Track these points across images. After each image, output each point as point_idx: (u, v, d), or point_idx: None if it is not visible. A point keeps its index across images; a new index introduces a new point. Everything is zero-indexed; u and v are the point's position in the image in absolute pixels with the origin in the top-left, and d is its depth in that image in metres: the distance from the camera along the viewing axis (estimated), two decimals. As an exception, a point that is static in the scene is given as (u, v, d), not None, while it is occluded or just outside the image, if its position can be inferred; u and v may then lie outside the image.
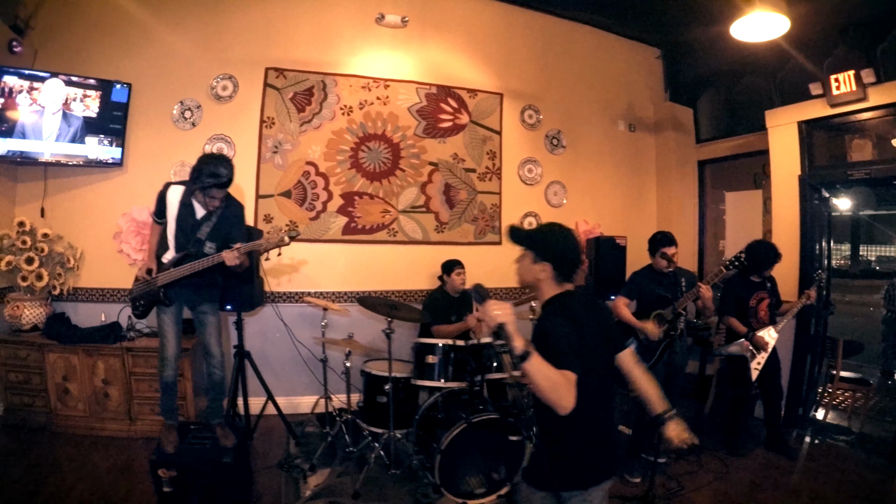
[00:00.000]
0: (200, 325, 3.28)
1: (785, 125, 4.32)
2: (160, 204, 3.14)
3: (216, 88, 4.25)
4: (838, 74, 3.86)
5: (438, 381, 3.55)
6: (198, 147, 4.23)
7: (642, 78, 5.53)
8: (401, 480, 3.33)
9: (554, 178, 5.07)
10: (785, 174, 4.39)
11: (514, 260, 1.86)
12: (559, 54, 5.09)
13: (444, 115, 4.69)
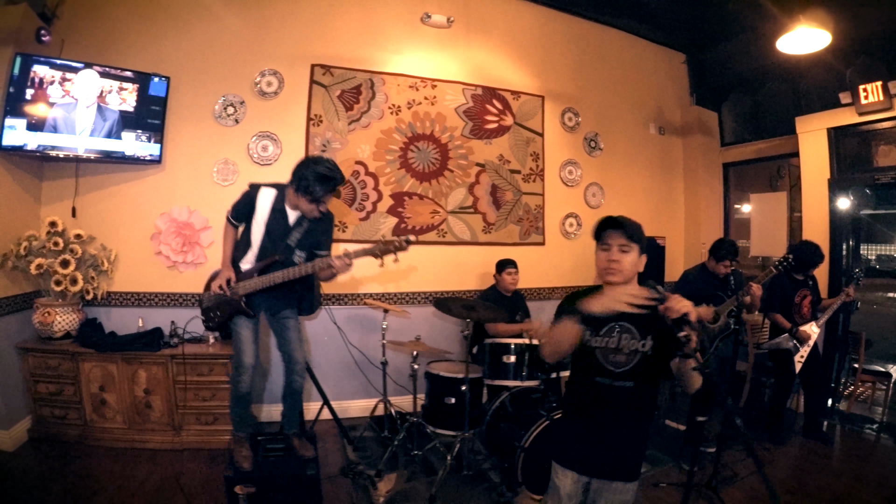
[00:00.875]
0: (282, 330, 2.98)
1: (815, 131, 4.39)
2: (246, 206, 2.86)
3: (260, 84, 3.90)
4: (867, 84, 3.95)
5: (515, 381, 3.35)
6: (241, 144, 3.86)
7: (670, 82, 5.51)
8: (472, 481, 3.14)
9: (592, 180, 4.95)
10: (815, 178, 4.44)
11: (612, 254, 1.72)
12: (594, 58, 5.01)
13: (489, 117, 4.50)
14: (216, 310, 2.90)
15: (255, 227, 2.84)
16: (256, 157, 3.91)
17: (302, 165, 2.72)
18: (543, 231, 4.74)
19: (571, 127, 4.88)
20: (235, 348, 2.92)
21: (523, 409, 3.35)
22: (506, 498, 2.96)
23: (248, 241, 2.88)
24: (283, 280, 2.77)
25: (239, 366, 2.87)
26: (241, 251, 2.91)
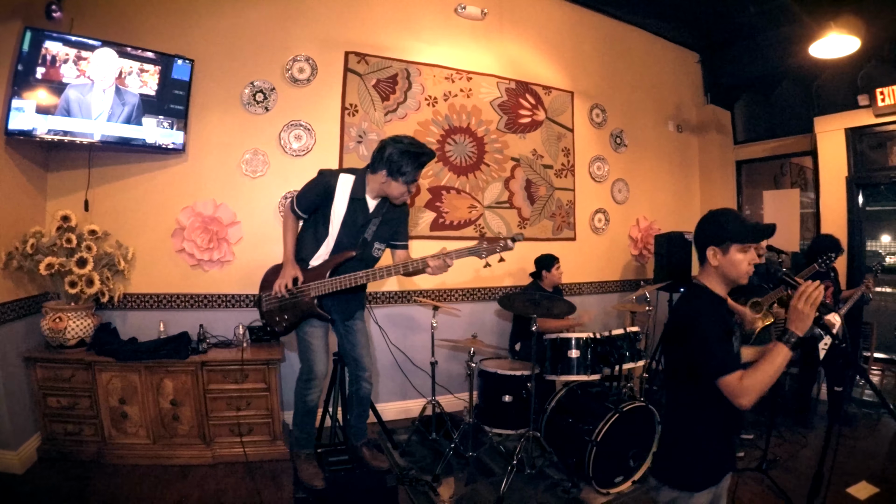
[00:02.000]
0: (352, 334, 2.64)
1: (833, 131, 4.35)
2: (320, 196, 2.44)
3: (292, 70, 3.46)
4: (884, 88, 3.93)
5: (580, 375, 3.02)
6: (272, 133, 3.40)
7: (686, 81, 5.37)
8: (533, 480, 2.87)
9: (618, 176, 4.73)
10: (833, 176, 4.37)
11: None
12: (619, 55, 4.82)
13: (523, 111, 4.19)
14: (282, 313, 2.46)
15: (333, 218, 2.43)
16: (288, 148, 3.46)
17: (385, 146, 2.37)
18: (574, 226, 4.46)
19: (599, 123, 4.65)
20: (305, 357, 2.53)
21: (583, 403, 3.06)
22: (572, 494, 2.73)
23: (318, 234, 2.47)
24: (367, 281, 2.39)
25: (311, 377, 2.49)
26: (309, 247, 2.49)
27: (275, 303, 2.46)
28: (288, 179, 3.47)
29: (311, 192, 2.47)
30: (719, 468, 1.56)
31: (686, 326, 1.51)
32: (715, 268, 1.51)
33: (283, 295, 2.41)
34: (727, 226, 1.51)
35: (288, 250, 2.49)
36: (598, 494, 2.68)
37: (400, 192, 2.41)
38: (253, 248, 3.38)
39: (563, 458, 2.89)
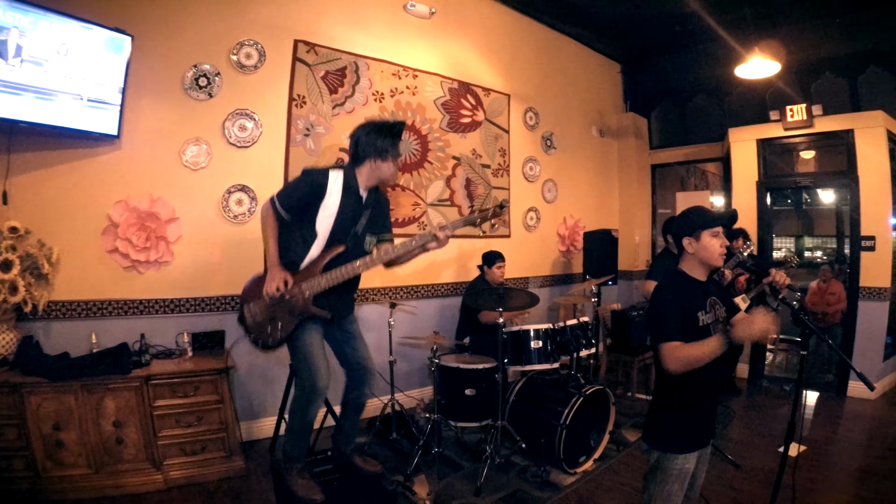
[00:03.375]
0: (352, 339, 2.64)
1: (746, 141, 5.21)
2: (309, 195, 2.43)
3: (239, 55, 3.38)
4: (793, 106, 4.81)
5: (541, 364, 3.39)
6: (215, 122, 3.32)
7: (608, 89, 6.05)
8: (502, 468, 3.14)
9: (548, 177, 5.23)
10: (744, 179, 5.24)
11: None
12: (552, 62, 5.31)
13: (464, 111, 4.51)
14: (274, 322, 2.40)
15: (323, 215, 2.43)
16: (233, 138, 3.39)
17: (359, 136, 2.46)
18: (509, 224, 4.89)
19: (532, 126, 5.12)
20: (305, 371, 2.46)
21: (543, 391, 3.41)
22: (543, 477, 3.03)
23: (306, 236, 2.45)
24: (362, 270, 2.44)
25: (314, 391, 2.43)
26: (296, 249, 2.46)
27: (266, 311, 2.42)
28: (232, 172, 3.42)
29: (298, 191, 2.46)
30: (702, 433, 1.90)
31: (650, 300, 1.92)
32: (692, 255, 1.87)
33: (274, 297, 2.36)
34: (695, 217, 1.89)
35: (272, 253, 2.45)
36: (567, 475, 3.06)
37: (392, 172, 2.52)
38: (194, 248, 3.30)
39: (532, 444, 3.22)
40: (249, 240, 3.45)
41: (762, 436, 3.68)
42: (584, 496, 2.85)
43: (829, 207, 5.78)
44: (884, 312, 4.50)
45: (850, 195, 4.69)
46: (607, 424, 3.34)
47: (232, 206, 3.43)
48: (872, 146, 4.50)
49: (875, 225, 4.51)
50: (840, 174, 4.84)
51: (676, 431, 1.86)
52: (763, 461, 3.20)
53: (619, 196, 6.26)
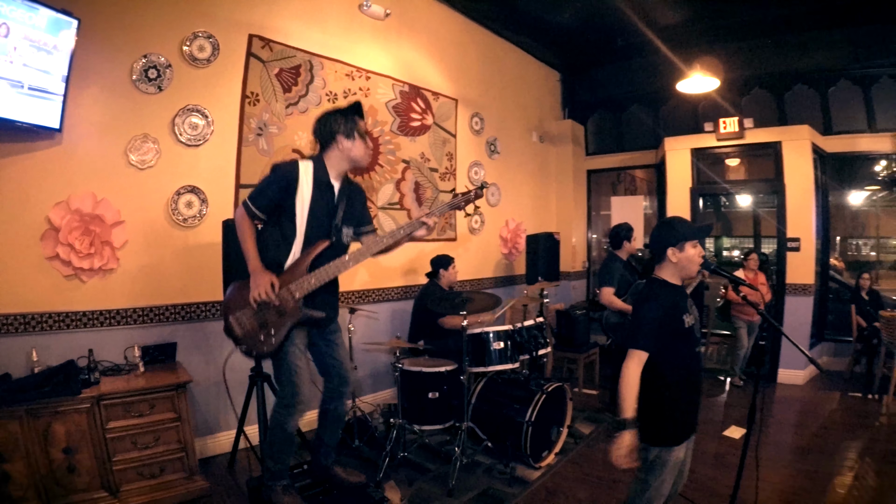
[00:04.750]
0: (335, 349, 2.71)
1: (681, 150, 5.87)
2: (283, 190, 2.44)
3: (191, 47, 3.34)
4: (726, 119, 5.53)
5: (503, 365, 3.68)
6: (164, 117, 3.26)
7: (548, 97, 6.54)
8: (469, 468, 3.36)
9: (492, 181, 5.58)
10: (679, 185, 5.90)
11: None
12: (497, 68, 5.68)
13: (414, 115, 4.72)
14: (266, 329, 2.41)
15: (298, 210, 2.45)
16: (183, 136, 3.34)
17: (326, 120, 2.54)
18: (455, 227, 5.20)
19: (477, 131, 5.47)
20: (287, 380, 2.50)
21: (505, 390, 3.69)
22: (510, 474, 3.30)
23: (285, 233, 2.48)
24: (353, 264, 2.49)
25: (296, 401, 2.49)
26: (278, 249, 2.48)
27: (252, 319, 2.45)
28: (181, 172, 3.38)
29: (270, 189, 2.47)
30: (688, 425, 2.17)
31: (637, 308, 2.17)
32: (674, 264, 2.11)
33: (264, 301, 2.38)
34: (680, 229, 2.12)
35: (253, 257, 2.45)
36: (533, 469, 3.38)
37: (364, 150, 2.58)
38: (141, 253, 3.23)
39: (497, 443, 3.50)
40: (200, 245, 3.44)
41: (703, 422, 4.24)
42: (551, 489, 3.19)
43: (746, 211, 6.72)
44: (808, 306, 5.32)
45: (778, 201, 5.49)
46: (565, 419, 3.75)
47: (181, 208, 3.38)
48: (798, 157, 5.33)
49: (800, 228, 5.35)
50: (768, 182, 5.65)
51: (671, 426, 2.13)
52: (709, 445, 3.77)
53: (557, 200, 6.82)
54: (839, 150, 5.77)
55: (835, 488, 3.14)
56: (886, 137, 5.54)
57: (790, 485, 3.16)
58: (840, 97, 5.74)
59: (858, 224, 6.62)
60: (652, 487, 2.14)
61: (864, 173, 6.13)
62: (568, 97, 6.96)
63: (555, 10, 5.25)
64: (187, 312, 3.40)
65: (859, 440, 3.92)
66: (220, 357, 3.54)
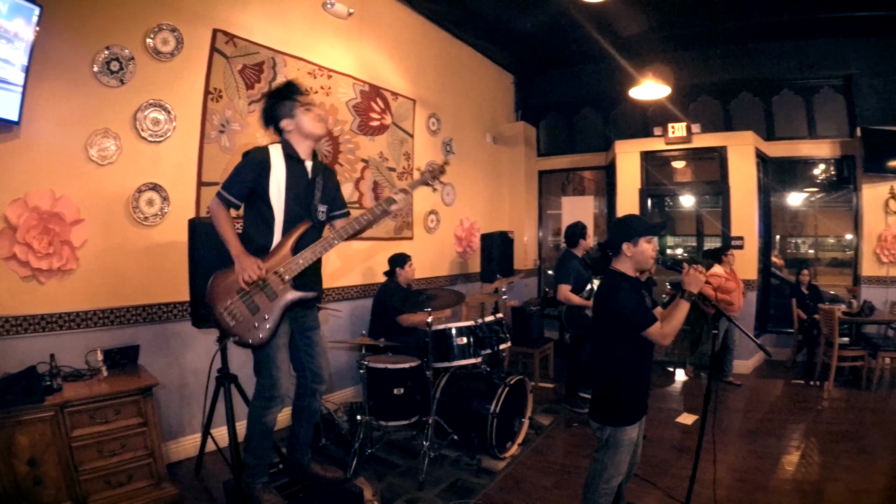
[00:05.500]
0: (312, 346, 2.78)
1: (631, 152, 6.33)
2: (255, 172, 2.47)
3: (155, 40, 3.33)
4: (675, 124, 6.02)
5: (466, 360, 3.88)
6: (126, 112, 3.25)
7: (502, 98, 6.84)
8: (436, 462, 3.52)
9: (447, 181, 5.76)
10: (628, 187, 6.36)
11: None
12: (453, 70, 5.91)
13: (373, 115, 4.85)
14: (259, 313, 2.43)
15: (274, 190, 2.50)
16: (145, 132, 3.32)
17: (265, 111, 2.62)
18: (412, 226, 5.39)
19: (434, 131, 5.67)
20: (267, 373, 2.56)
21: (468, 385, 3.88)
22: (476, 465, 3.53)
23: (264, 216, 2.51)
24: (337, 242, 2.57)
25: (274, 394, 2.56)
26: (260, 232, 2.51)
27: (242, 306, 2.47)
28: (142, 169, 3.37)
29: (244, 173, 2.51)
30: (642, 406, 2.51)
31: (610, 299, 2.40)
32: (629, 257, 2.39)
33: (254, 284, 2.42)
34: (635, 226, 2.41)
35: (235, 242, 2.46)
36: (498, 460, 3.62)
37: (312, 121, 2.61)
38: (101, 253, 3.20)
39: (463, 436, 3.71)
40: (161, 244, 3.44)
41: (657, 410, 4.65)
42: (517, 478, 3.45)
43: (689, 210, 7.36)
44: (752, 300, 5.87)
45: (723, 202, 6.03)
46: (526, 411, 4.04)
47: (142, 206, 3.36)
48: (743, 161, 5.90)
49: (743, 227, 5.91)
50: (714, 184, 6.20)
51: (625, 407, 2.40)
52: (665, 431, 4.17)
53: (509, 200, 7.18)
54: (781, 155, 6.46)
55: (783, 466, 3.58)
56: (826, 143, 6.28)
57: (742, 464, 3.56)
58: (783, 105, 6.44)
59: (798, 224, 7.38)
60: (610, 465, 2.41)
61: (804, 176, 6.85)
62: (521, 99, 7.35)
63: (513, 14, 5.57)
64: (149, 314, 3.38)
65: (804, 423, 4.43)
66: (183, 359, 3.56)
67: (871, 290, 5.99)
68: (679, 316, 2.34)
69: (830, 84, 6.23)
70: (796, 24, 5.72)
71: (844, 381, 5.43)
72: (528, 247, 7.22)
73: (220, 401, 3.29)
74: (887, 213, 5.95)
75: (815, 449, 3.88)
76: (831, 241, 7.28)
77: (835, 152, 6.28)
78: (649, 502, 3.02)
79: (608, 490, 2.44)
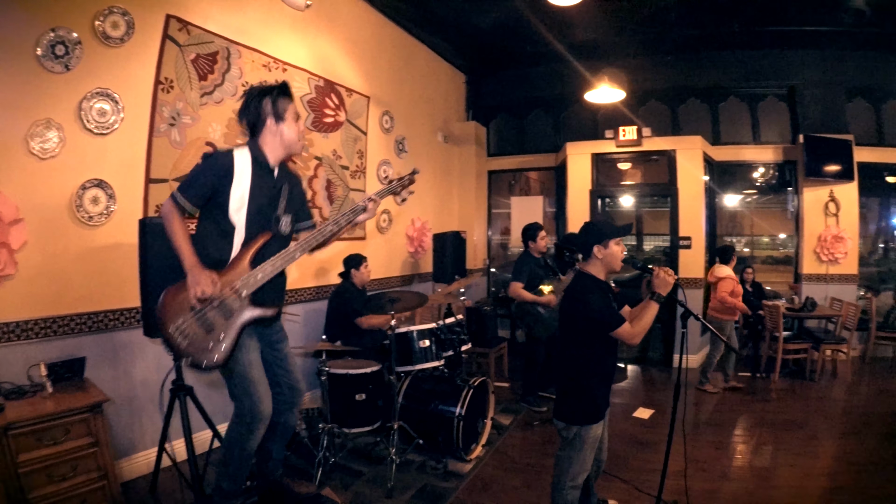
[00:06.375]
0: (284, 360, 2.71)
1: (582, 154, 6.60)
2: (218, 177, 2.34)
3: (105, 24, 3.13)
4: (626, 127, 6.35)
5: (430, 363, 4.02)
6: (71, 102, 3.04)
7: (454, 97, 6.94)
8: (401, 468, 3.55)
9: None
10: (579, 188, 6.63)
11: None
12: (407, 67, 5.94)
13: (328, 111, 4.81)
14: (214, 332, 2.31)
15: (235, 199, 2.37)
16: (91, 123, 3.13)
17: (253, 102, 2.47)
18: (364, 226, 5.34)
19: (387, 129, 5.69)
20: (245, 396, 2.45)
21: (431, 388, 3.95)
22: (443, 468, 3.61)
23: (222, 227, 2.39)
24: (301, 253, 2.49)
25: (256, 418, 2.46)
26: (219, 243, 2.39)
27: (195, 324, 2.34)
28: (87, 164, 3.18)
29: (204, 178, 2.38)
30: (605, 404, 2.69)
31: (580, 301, 2.54)
32: (600, 259, 2.54)
33: (207, 301, 2.30)
34: (604, 229, 2.57)
35: (188, 253, 2.32)
36: (464, 462, 3.72)
37: (296, 133, 2.53)
38: (42, 256, 2.99)
39: (429, 439, 3.79)
40: (107, 246, 3.28)
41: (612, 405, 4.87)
42: (485, 479, 3.57)
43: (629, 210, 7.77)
44: (699, 298, 6.26)
45: (671, 203, 6.41)
46: (488, 411, 4.18)
47: (87, 205, 3.17)
48: (691, 164, 6.30)
49: (691, 228, 6.32)
50: (663, 186, 6.58)
51: (590, 405, 2.56)
52: (622, 426, 4.45)
53: (459, 199, 7.34)
54: (727, 159, 7.00)
55: (740, 454, 3.94)
56: (769, 149, 6.90)
57: (701, 455, 3.86)
58: (729, 112, 7.00)
59: (736, 224, 8.01)
60: (576, 463, 2.56)
61: (744, 179, 7.43)
62: (472, 99, 7.54)
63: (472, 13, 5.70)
64: (94, 322, 3.19)
65: (755, 413, 4.85)
66: (132, 370, 3.39)
67: (812, 287, 6.63)
68: (647, 317, 2.52)
69: (775, 93, 6.89)
70: (745, 35, 6.28)
71: (789, 372, 5.94)
72: (477, 246, 7.40)
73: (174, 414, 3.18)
74: (827, 214, 6.63)
75: (767, 437, 4.28)
76: (766, 241, 8.01)
77: (778, 157, 6.93)
78: (618, 495, 3.23)
79: (575, 486, 2.60)
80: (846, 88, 6.71)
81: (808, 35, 6.20)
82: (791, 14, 5.77)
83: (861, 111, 6.77)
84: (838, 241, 6.55)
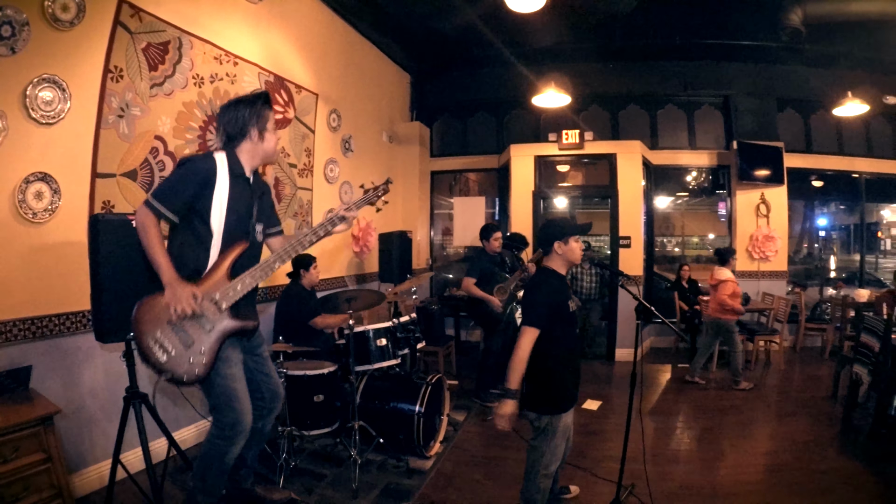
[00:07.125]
0: (264, 365, 2.72)
1: (525, 156, 6.88)
2: (200, 185, 2.31)
3: (55, 5, 2.97)
4: (568, 131, 6.69)
5: (387, 361, 4.06)
6: (16, 86, 2.86)
7: (399, 97, 7.02)
8: (363, 467, 3.58)
9: (346, 178, 5.90)
10: (522, 189, 6.92)
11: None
12: (355, 66, 5.97)
13: (277, 107, 4.75)
14: (193, 346, 2.30)
15: (215, 209, 2.36)
16: (36, 112, 2.95)
17: (236, 111, 2.48)
18: (312, 226, 5.31)
19: (335, 128, 5.70)
20: (225, 405, 2.43)
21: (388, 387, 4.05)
22: (404, 466, 3.71)
23: (200, 237, 2.37)
24: (281, 263, 2.49)
25: (238, 430, 2.44)
26: (196, 252, 2.37)
27: (174, 339, 2.31)
28: (31, 155, 3.01)
29: (185, 184, 2.34)
30: (572, 395, 2.87)
31: (531, 292, 2.78)
32: (560, 255, 2.74)
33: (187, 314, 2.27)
34: (564, 226, 2.77)
35: (167, 266, 2.28)
36: (424, 459, 3.83)
37: (274, 144, 2.62)
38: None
39: (390, 438, 3.87)
40: (52, 244, 3.12)
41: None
42: (448, 474, 3.71)
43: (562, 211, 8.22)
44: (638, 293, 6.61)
45: (611, 204, 6.81)
46: (444, 408, 4.33)
47: (30, 200, 3.00)
48: (630, 168, 6.74)
49: (630, 228, 6.74)
50: (604, 188, 6.98)
51: (559, 395, 2.75)
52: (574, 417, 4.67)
53: (403, 199, 7.46)
54: (664, 163, 7.55)
55: (686, 440, 4.33)
56: (704, 154, 7.53)
57: (649, 442, 4.09)
58: (667, 118, 7.58)
59: (669, 225, 8.67)
60: (548, 452, 2.74)
61: (678, 182, 8.04)
62: (417, 99, 7.69)
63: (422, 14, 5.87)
64: (39, 328, 3.02)
65: (695, 401, 5.28)
66: (80, 378, 3.24)
67: (745, 283, 7.12)
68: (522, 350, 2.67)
69: (711, 102, 7.57)
70: (684, 47, 6.84)
71: (725, 362, 6.31)
72: (420, 246, 7.55)
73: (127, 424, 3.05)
74: (758, 216, 7.34)
75: (709, 423, 4.69)
76: (696, 241, 8.72)
77: (712, 162, 7.60)
78: (578, 483, 3.47)
79: (548, 474, 2.79)
80: (778, 99, 7.51)
81: (743, 49, 6.88)
82: (730, 29, 6.42)
83: (791, 120, 7.62)
84: (769, 241, 7.30)
